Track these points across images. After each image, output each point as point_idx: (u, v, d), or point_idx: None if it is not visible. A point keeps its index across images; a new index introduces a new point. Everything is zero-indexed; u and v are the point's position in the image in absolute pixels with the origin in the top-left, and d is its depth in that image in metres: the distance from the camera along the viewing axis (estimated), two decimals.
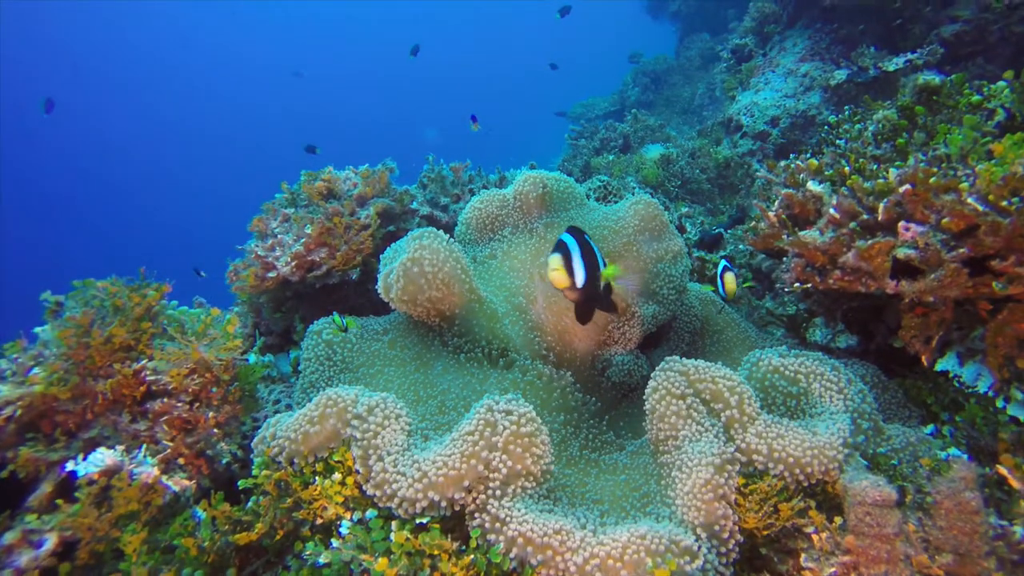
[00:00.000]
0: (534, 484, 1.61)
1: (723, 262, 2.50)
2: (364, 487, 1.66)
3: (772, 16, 8.10)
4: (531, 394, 2.21)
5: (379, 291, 2.28)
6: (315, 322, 2.38)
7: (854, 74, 6.68)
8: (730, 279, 2.45)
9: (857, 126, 2.77)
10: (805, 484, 1.68)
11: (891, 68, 6.33)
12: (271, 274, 2.75)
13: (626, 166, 6.82)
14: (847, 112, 3.06)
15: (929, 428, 2.24)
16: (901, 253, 1.95)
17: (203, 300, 4.03)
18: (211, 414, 2.19)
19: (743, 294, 3.59)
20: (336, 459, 1.80)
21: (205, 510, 1.85)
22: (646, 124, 8.33)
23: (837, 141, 2.78)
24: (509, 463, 1.60)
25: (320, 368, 2.31)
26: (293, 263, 2.70)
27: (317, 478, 1.78)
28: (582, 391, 2.42)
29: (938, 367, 2.30)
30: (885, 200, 2.03)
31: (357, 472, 1.70)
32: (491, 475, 1.61)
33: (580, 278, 1.74)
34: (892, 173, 2.04)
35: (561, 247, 1.75)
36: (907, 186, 1.92)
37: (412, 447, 1.67)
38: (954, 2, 6.00)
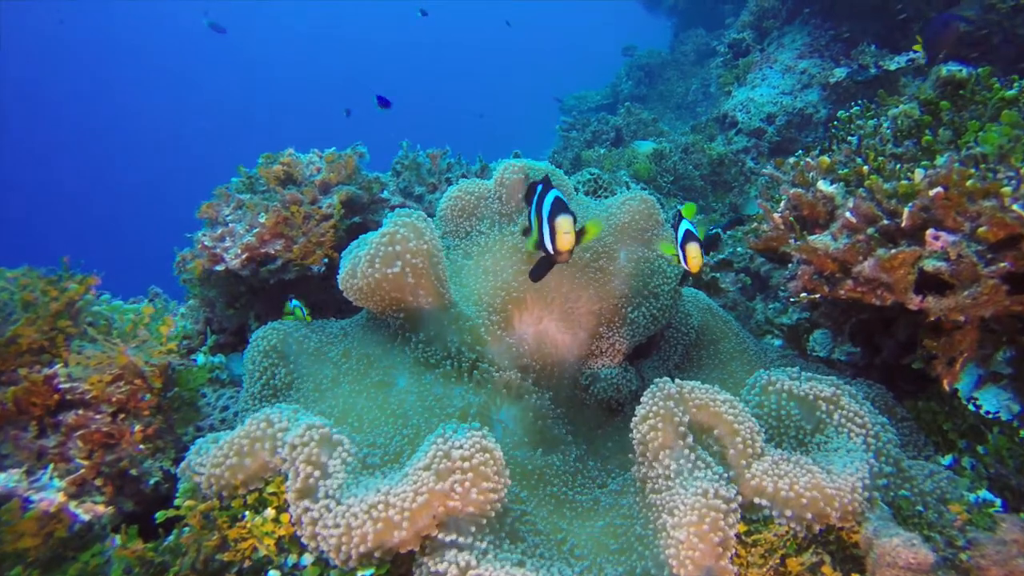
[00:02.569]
0: (492, 533, 1.36)
1: (686, 223, 1.91)
2: (296, 529, 1.40)
3: (771, 11, 7.89)
4: (503, 417, 1.96)
5: (339, 284, 2.01)
6: (262, 327, 2.11)
7: (854, 72, 6.48)
8: (694, 251, 1.81)
9: (871, 122, 2.53)
10: (817, 531, 1.44)
11: (892, 67, 6.13)
12: (219, 267, 2.47)
13: (618, 160, 6.60)
14: (856, 108, 2.82)
15: (948, 459, 2.02)
16: (929, 265, 1.71)
17: (159, 290, 3.74)
18: (138, 427, 1.91)
19: (708, 270, 3.29)
20: (271, 491, 1.53)
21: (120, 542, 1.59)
22: (639, 118, 8.10)
23: (849, 138, 2.54)
24: (463, 505, 1.35)
25: (265, 379, 2.04)
26: (243, 255, 2.43)
27: (247, 513, 1.52)
28: (564, 411, 2.17)
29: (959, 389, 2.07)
30: (910, 204, 1.78)
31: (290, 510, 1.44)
32: (443, 519, 1.35)
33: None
34: (918, 174, 1.80)
35: (561, 205, 1.65)
36: (938, 189, 1.68)
37: (354, 483, 1.41)
38: (958, 1, 5.80)
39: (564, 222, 1.65)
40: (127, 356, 1.91)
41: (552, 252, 1.70)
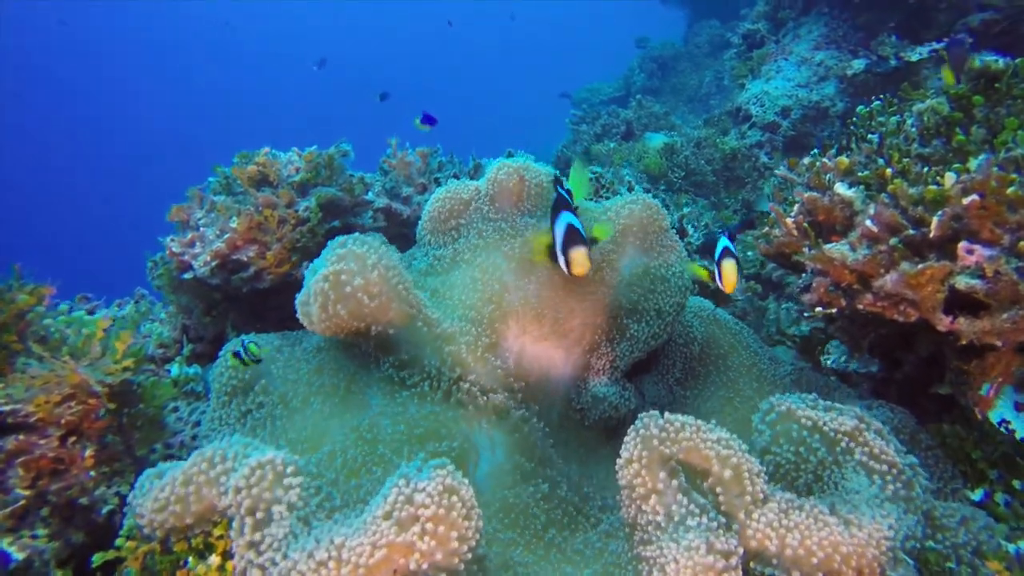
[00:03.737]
0: None
1: (723, 240, 1.85)
2: None
3: (787, 1, 7.64)
4: (485, 443, 1.79)
5: (298, 315, 1.85)
6: (231, 342, 1.95)
7: (873, 64, 6.22)
8: (731, 268, 1.76)
9: (893, 118, 2.33)
10: None
11: (913, 58, 5.87)
12: (187, 275, 2.33)
13: (628, 154, 6.41)
14: (877, 103, 2.62)
15: (979, 494, 1.83)
16: (961, 283, 1.52)
17: (144, 292, 3.60)
18: (89, 451, 1.77)
19: (746, 287, 3.10)
20: (218, 534, 1.38)
21: None
22: (651, 111, 7.90)
23: (869, 136, 2.34)
24: (427, 560, 1.18)
25: (235, 402, 1.89)
26: (213, 263, 2.27)
27: (191, 559, 1.37)
28: (556, 434, 2.00)
29: (992, 416, 1.88)
30: (940, 212, 1.59)
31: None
32: (406, 573, 1.19)
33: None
34: (949, 178, 1.60)
35: (574, 235, 1.70)
36: (973, 197, 1.49)
37: (304, 532, 1.24)
38: None
39: (577, 256, 1.70)
40: (79, 374, 1.76)
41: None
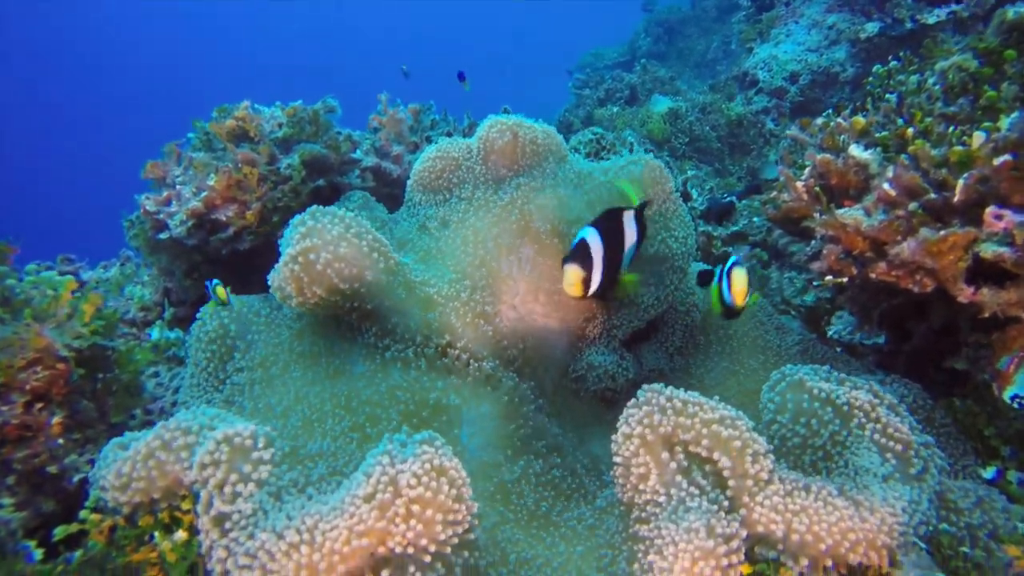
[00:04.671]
0: (446, 574, 1.12)
1: (734, 256, 1.81)
2: (207, 563, 1.16)
3: None
4: (473, 415, 1.70)
5: (272, 293, 1.74)
6: (205, 305, 1.85)
7: (887, 27, 6.01)
8: (740, 278, 1.68)
9: (913, 77, 2.19)
10: None
11: (931, 20, 5.65)
12: (162, 235, 2.21)
13: (631, 119, 6.24)
14: (894, 63, 2.47)
15: (991, 471, 1.75)
16: (987, 251, 1.41)
17: (131, 254, 3.49)
18: (56, 418, 1.68)
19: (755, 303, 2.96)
20: (186, 508, 1.30)
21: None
22: (655, 75, 7.69)
23: (887, 96, 2.20)
24: (412, 545, 1.09)
25: (212, 367, 1.80)
26: (189, 222, 2.16)
27: (157, 534, 1.28)
28: (551, 404, 1.91)
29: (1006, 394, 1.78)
30: (965, 175, 1.47)
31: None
32: (387, 558, 1.11)
33: (595, 286, 1.62)
34: (978, 137, 1.48)
35: (580, 253, 1.58)
36: (1005, 157, 1.37)
37: (276, 509, 1.15)
38: None
39: (570, 272, 1.58)
40: (44, 337, 1.66)
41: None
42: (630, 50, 11.17)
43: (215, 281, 1.77)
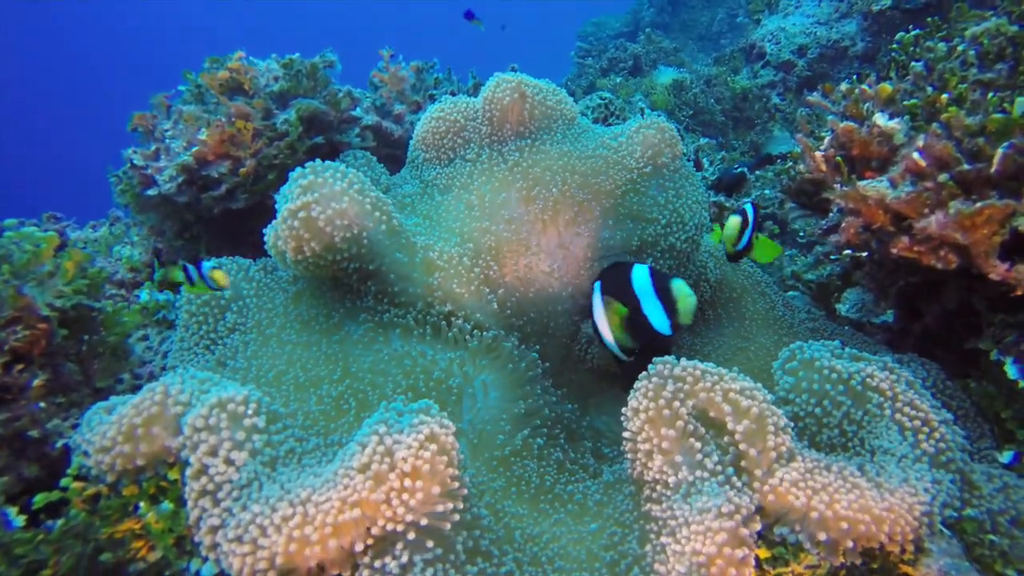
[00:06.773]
0: (447, 550, 1.05)
1: (748, 206, 1.81)
2: (195, 534, 1.10)
3: None
4: (475, 384, 1.63)
5: (269, 251, 1.66)
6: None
7: None
8: (732, 223, 1.76)
9: (941, 44, 2.09)
10: (860, 563, 1.13)
11: None
12: (150, 191, 2.11)
13: (634, 90, 6.11)
14: (916, 32, 2.37)
15: (1009, 455, 1.69)
16: None
17: (119, 214, 3.37)
18: (38, 380, 1.60)
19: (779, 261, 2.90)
20: (173, 477, 1.23)
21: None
22: (660, 46, 7.52)
23: (913, 64, 2.10)
24: (406, 519, 1.03)
25: (204, 329, 1.72)
26: (180, 178, 2.06)
27: (142, 504, 1.22)
28: (555, 375, 1.85)
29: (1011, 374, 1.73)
30: (1005, 144, 1.39)
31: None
32: (380, 534, 1.04)
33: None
34: (1021, 104, 1.40)
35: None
36: None
37: (269, 479, 1.09)
38: None
39: (605, 313, 1.68)
40: (24, 296, 1.57)
41: None
42: (633, 20, 10.92)
43: (211, 263, 1.60)
